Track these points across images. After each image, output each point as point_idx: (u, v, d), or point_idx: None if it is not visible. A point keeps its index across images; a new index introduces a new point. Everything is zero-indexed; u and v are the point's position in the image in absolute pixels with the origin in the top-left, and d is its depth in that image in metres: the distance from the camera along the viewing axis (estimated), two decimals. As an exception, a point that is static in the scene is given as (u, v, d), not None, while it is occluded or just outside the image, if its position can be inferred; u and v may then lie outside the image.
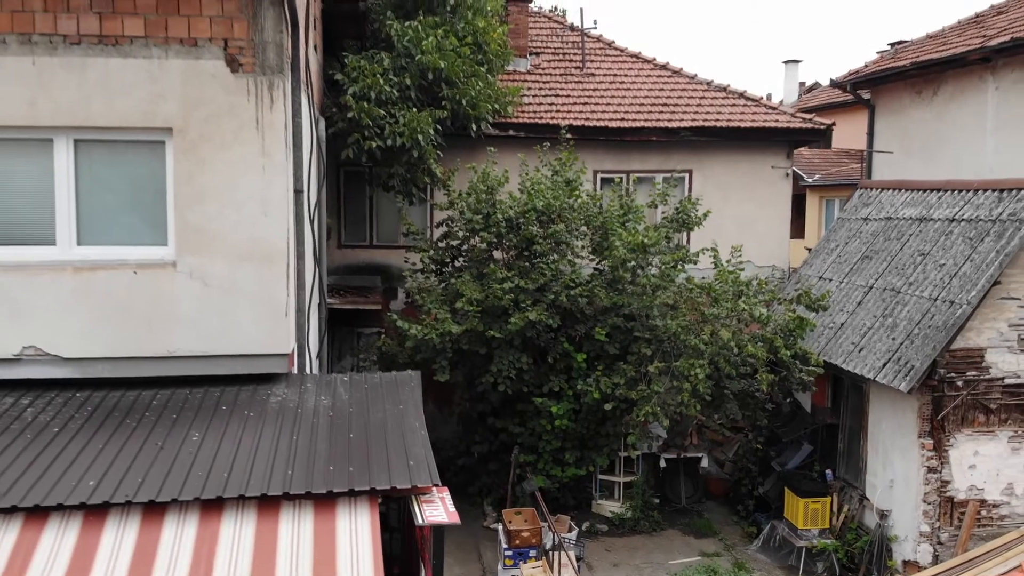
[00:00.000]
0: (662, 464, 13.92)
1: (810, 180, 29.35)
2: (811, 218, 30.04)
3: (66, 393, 7.94)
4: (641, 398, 11.46)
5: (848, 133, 30.91)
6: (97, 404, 7.75)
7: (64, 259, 7.96)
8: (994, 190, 11.47)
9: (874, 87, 20.83)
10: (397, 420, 7.63)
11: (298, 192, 8.93)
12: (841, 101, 29.14)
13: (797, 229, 30.78)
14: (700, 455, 14.09)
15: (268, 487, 6.15)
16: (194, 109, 7.93)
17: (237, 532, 5.89)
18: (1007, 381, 10.69)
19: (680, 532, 13.12)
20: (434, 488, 6.38)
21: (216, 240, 8.04)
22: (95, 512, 5.99)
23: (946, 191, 12.58)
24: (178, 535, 5.85)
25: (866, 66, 23.84)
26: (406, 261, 14.46)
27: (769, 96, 51.37)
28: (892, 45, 33.58)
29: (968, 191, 12.03)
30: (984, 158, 16.74)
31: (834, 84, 25.38)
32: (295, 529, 5.94)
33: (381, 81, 12.99)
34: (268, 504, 6.10)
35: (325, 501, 6.16)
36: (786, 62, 45.14)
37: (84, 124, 7.85)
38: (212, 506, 6.06)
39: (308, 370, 9.90)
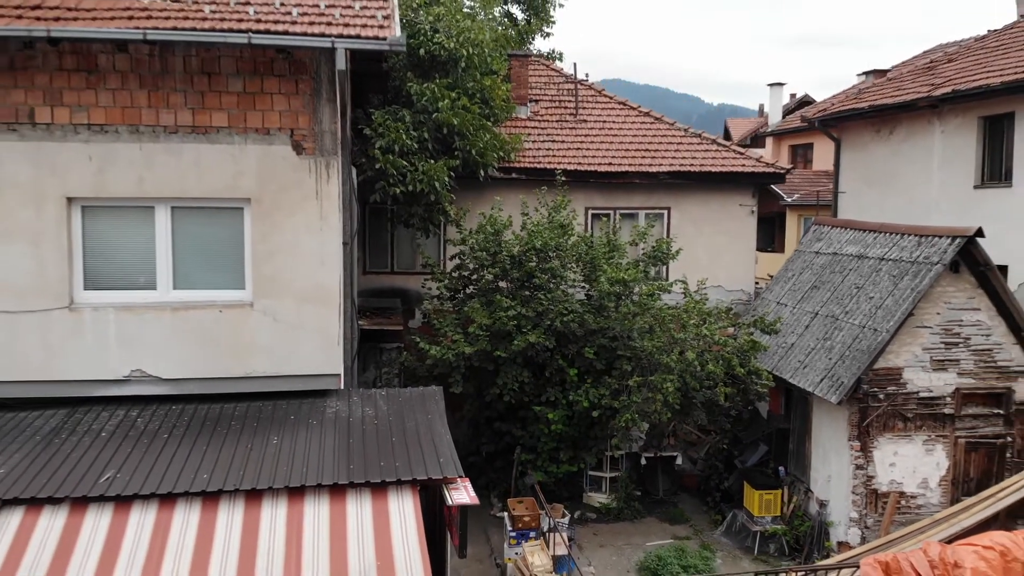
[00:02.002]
0: (643, 462, 15.78)
1: (790, 200, 31.25)
2: (791, 235, 31.92)
3: (165, 406, 9.79)
4: (623, 407, 13.33)
5: (829, 152, 32.76)
6: (192, 415, 9.61)
7: (163, 301, 9.81)
8: (915, 235, 13.35)
9: (839, 124, 22.59)
10: (427, 427, 9.51)
11: (345, 244, 10.79)
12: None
13: (779, 244, 32.73)
14: (675, 454, 15.96)
15: (337, 478, 8.02)
16: (267, 183, 9.79)
17: (316, 511, 7.76)
18: (921, 395, 12.58)
19: (657, 519, 14.97)
20: (459, 479, 8.27)
21: (284, 285, 9.91)
22: (210, 497, 7.85)
23: (880, 233, 14.46)
24: (273, 513, 7.72)
25: (832, 104, 25.79)
26: (423, 287, 16.33)
27: (762, 107, 53.08)
28: (866, 74, 35.48)
29: (896, 234, 13.91)
30: (931, 192, 18.57)
31: (804, 120, 27.37)
32: (358, 509, 7.81)
33: (404, 136, 14.81)
34: (337, 490, 7.97)
35: (379, 488, 8.03)
36: (771, 85, 47.19)
37: (180, 195, 9.71)
38: (296, 492, 7.93)
39: (352, 384, 11.77)
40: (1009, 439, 12.82)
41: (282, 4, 9.84)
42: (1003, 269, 16.60)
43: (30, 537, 7.38)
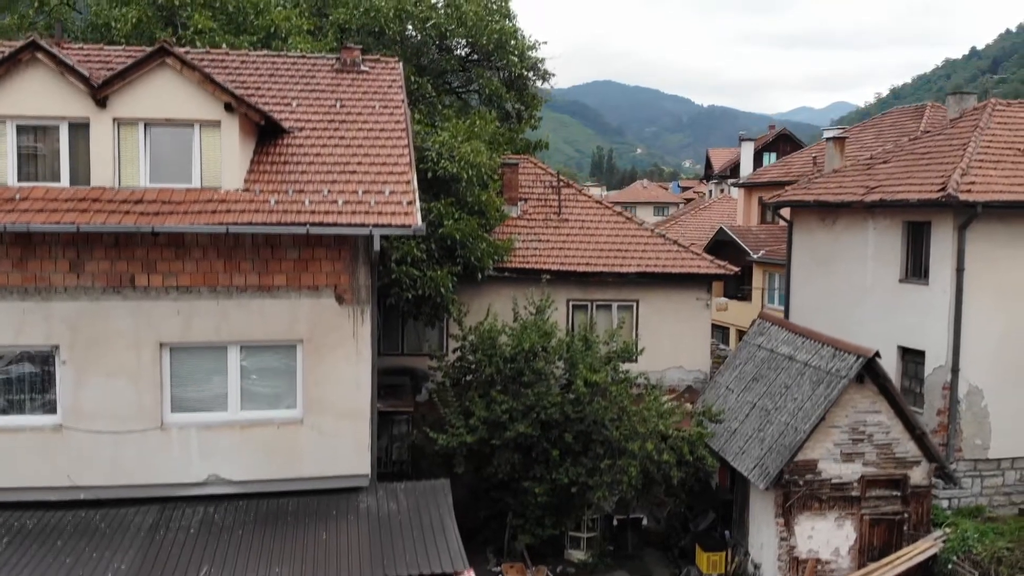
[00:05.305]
0: (614, 522, 18.20)
1: (756, 256, 33.65)
2: (756, 285, 34.33)
3: (234, 503, 12.09)
4: (596, 485, 15.76)
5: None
6: (255, 510, 11.97)
7: (233, 419, 12.17)
8: (832, 347, 15.84)
9: (792, 209, 25.03)
10: (438, 522, 11.88)
11: (373, 366, 13.18)
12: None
13: (747, 293, 35.17)
14: (642, 516, 18.37)
15: (373, 571, 10.48)
16: (315, 327, 12.21)
17: (360, 598, 10.22)
18: (833, 481, 15.04)
19: (627, 572, 17.27)
20: (465, 571, 10.73)
21: (328, 406, 12.29)
22: (281, 586, 10.30)
23: (807, 339, 16.95)
24: (329, 600, 10.17)
25: (786, 191, 28.38)
26: (429, 368, 18.72)
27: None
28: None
29: (819, 343, 16.38)
30: (866, 279, 20.91)
31: (762, 203, 30.04)
32: (391, 596, 10.27)
33: (414, 249, 17.22)
34: (376, 581, 10.44)
35: (407, 579, 10.51)
36: (742, 140, 50.05)
37: (247, 338, 12.10)
38: (345, 583, 10.38)
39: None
40: (906, 515, 15.30)
41: (329, 192, 12.32)
42: (921, 354, 19.07)
43: (152, 620, 9.78)
